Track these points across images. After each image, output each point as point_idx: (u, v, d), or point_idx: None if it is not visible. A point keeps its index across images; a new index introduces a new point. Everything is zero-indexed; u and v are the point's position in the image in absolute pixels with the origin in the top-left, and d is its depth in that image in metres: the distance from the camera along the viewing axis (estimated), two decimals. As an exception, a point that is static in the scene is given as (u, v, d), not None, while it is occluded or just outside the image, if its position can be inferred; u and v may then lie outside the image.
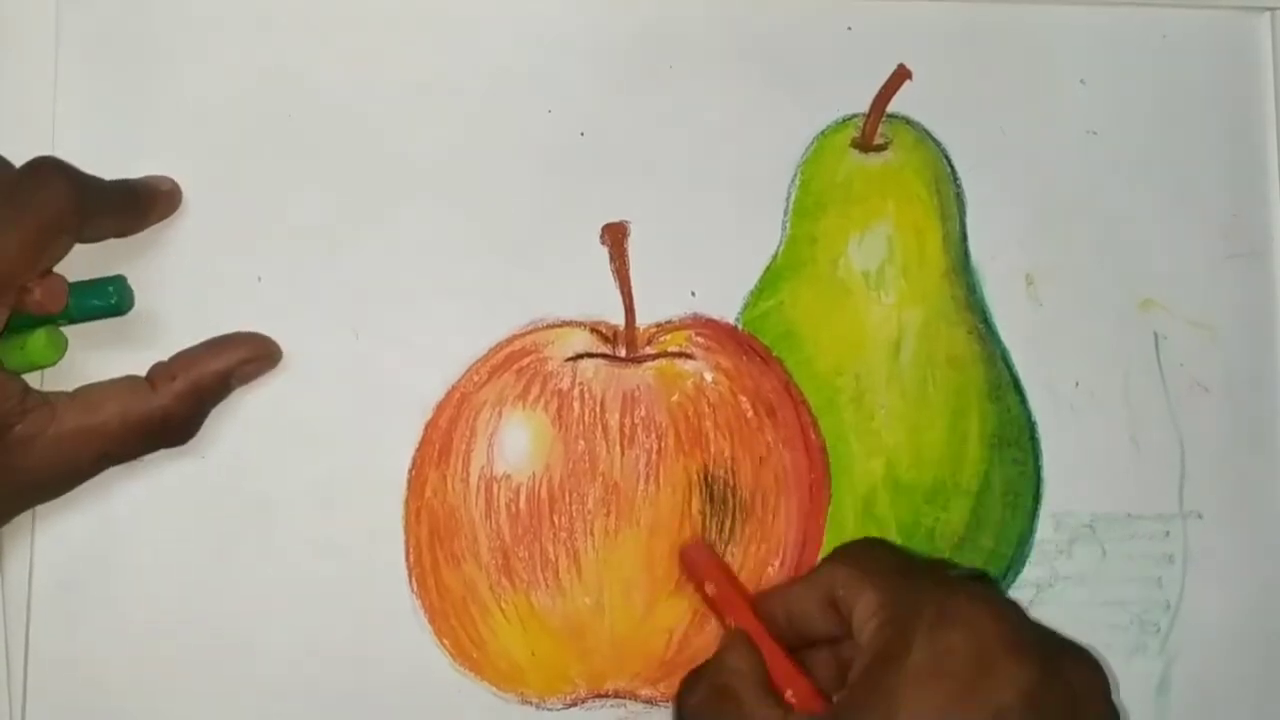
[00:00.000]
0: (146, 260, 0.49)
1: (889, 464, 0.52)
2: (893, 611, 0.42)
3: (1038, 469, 0.53)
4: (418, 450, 0.50)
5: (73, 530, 0.48)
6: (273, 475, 0.50)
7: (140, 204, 0.48)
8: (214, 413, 0.49)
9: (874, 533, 0.52)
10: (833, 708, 0.43)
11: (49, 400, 0.44)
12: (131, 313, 0.49)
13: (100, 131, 0.50)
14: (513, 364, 0.51)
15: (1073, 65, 0.55)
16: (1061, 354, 0.54)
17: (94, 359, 0.48)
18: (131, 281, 0.48)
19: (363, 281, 0.50)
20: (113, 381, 0.46)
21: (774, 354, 0.52)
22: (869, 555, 0.46)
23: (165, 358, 0.48)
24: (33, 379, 0.45)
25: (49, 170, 0.44)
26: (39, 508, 0.48)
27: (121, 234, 0.48)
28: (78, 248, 0.46)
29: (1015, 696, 0.40)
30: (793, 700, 0.45)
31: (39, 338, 0.45)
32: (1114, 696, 0.43)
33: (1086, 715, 0.42)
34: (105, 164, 0.48)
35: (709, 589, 0.49)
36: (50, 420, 0.43)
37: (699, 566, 0.49)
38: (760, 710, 0.43)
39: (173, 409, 0.46)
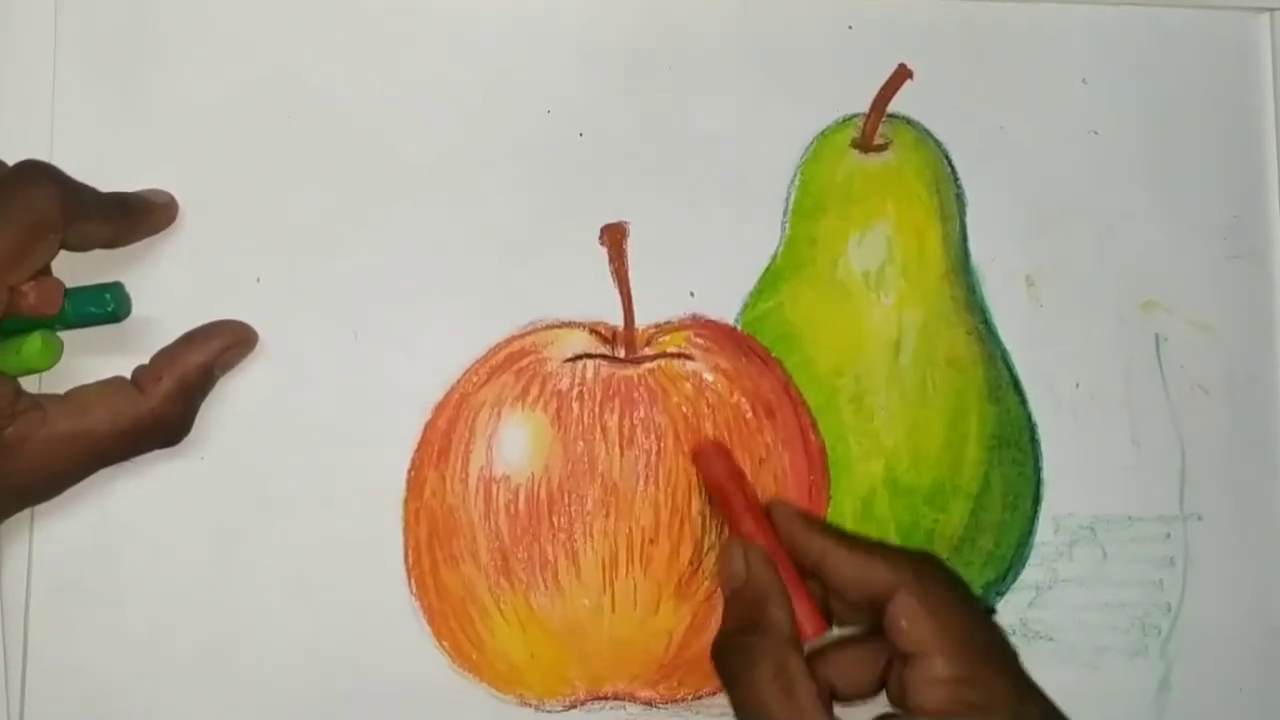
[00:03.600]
0: (146, 262, 0.49)
1: (888, 465, 0.52)
2: (967, 697, 0.41)
3: (1038, 470, 0.53)
4: (417, 451, 0.50)
5: (72, 530, 0.48)
6: (273, 475, 0.50)
7: (131, 214, 0.48)
8: (214, 413, 0.49)
9: (874, 534, 0.52)
10: None
11: (40, 403, 0.44)
12: (133, 315, 0.49)
13: (99, 133, 0.50)
14: (512, 365, 0.51)
15: (1073, 65, 0.55)
16: (1062, 355, 0.54)
17: (94, 362, 0.48)
18: (131, 284, 0.47)
19: (362, 282, 0.50)
20: (102, 384, 0.45)
21: (773, 355, 0.52)
22: (939, 599, 0.43)
23: (163, 360, 0.49)
24: (29, 383, 0.45)
25: (35, 171, 0.44)
26: (37, 508, 0.48)
27: (111, 244, 0.47)
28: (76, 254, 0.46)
29: None
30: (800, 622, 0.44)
31: (34, 341, 0.45)
32: None
33: None
34: (104, 164, 0.49)
35: (734, 496, 0.48)
36: (41, 423, 0.43)
37: (717, 468, 0.49)
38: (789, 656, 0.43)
39: (162, 410, 0.46)
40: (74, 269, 0.46)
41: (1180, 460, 0.54)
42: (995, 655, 0.43)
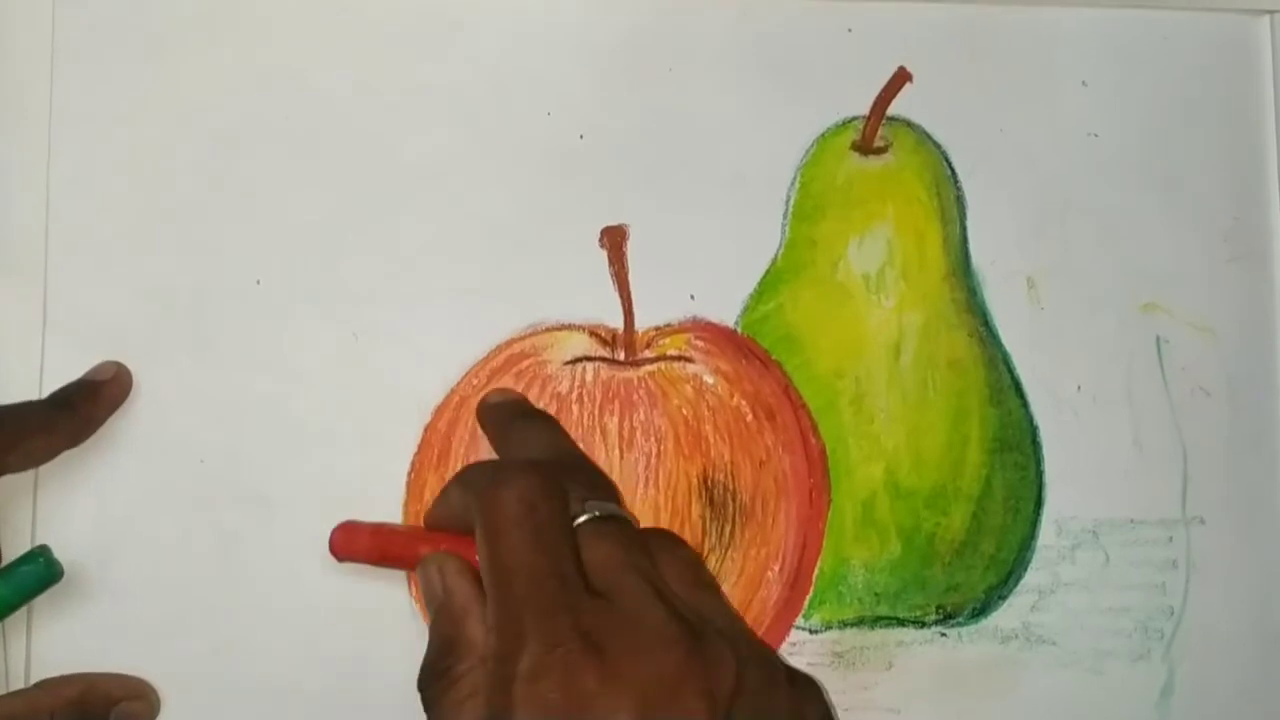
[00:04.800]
0: (145, 264, 0.49)
1: (889, 468, 0.52)
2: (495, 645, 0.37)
3: (1039, 473, 0.53)
4: (417, 453, 0.50)
5: (73, 530, 0.48)
6: (273, 476, 0.50)
7: (78, 409, 0.47)
8: (214, 413, 0.49)
9: (875, 538, 0.52)
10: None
11: None
12: (131, 317, 0.49)
13: (97, 133, 0.50)
14: (512, 367, 0.51)
15: (1073, 67, 0.55)
16: (1063, 357, 0.54)
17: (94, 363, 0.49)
18: (130, 284, 0.48)
19: (362, 283, 0.50)
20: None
21: (773, 357, 0.52)
22: (505, 538, 0.38)
23: (165, 363, 0.49)
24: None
25: None
26: (39, 506, 0.48)
27: (71, 445, 0.47)
28: None
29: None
30: None
31: None
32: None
33: None
34: (102, 165, 0.49)
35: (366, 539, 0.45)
36: None
37: (360, 541, 0.45)
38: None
39: None
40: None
41: (1182, 463, 0.54)
42: (553, 591, 0.37)
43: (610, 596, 0.37)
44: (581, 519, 0.39)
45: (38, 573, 0.45)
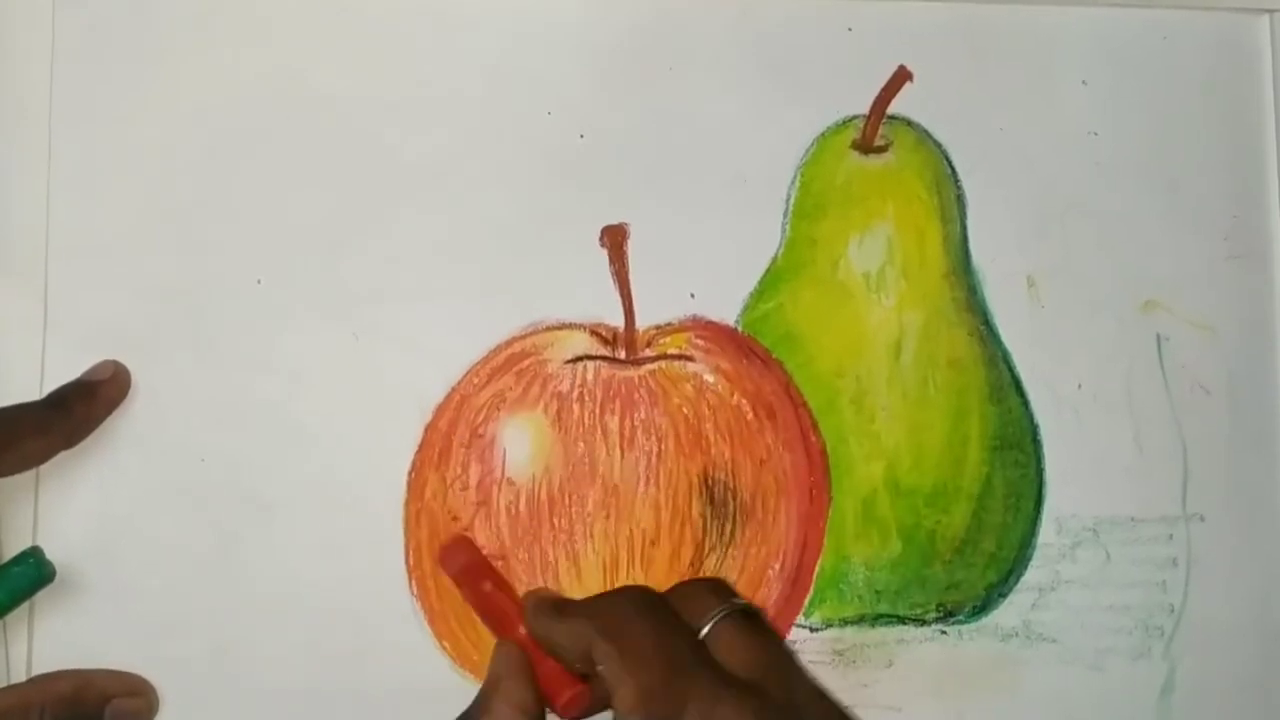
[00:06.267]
0: (145, 264, 0.49)
1: (890, 466, 0.52)
2: (655, 712, 0.40)
3: (1040, 471, 0.53)
4: (417, 452, 0.50)
5: (73, 530, 0.48)
6: (273, 476, 0.50)
7: (73, 410, 0.47)
8: (214, 413, 0.49)
9: (875, 536, 0.52)
10: None
11: None
12: (131, 317, 0.49)
13: (97, 133, 0.50)
14: (513, 366, 0.51)
15: (1073, 66, 0.55)
16: (1063, 356, 0.54)
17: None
18: (130, 284, 0.48)
19: (362, 283, 0.50)
20: None
21: (774, 356, 0.52)
22: (628, 629, 0.42)
23: (165, 363, 0.49)
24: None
25: None
26: (41, 505, 0.48)
27: (67, 445, 0.47)
28: None
29: None
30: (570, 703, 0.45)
31: None
32: None
33: None
34: (102, 165, 0.49)
35: (486, 587, 0.48)
36: None
37: (469, 564, 0.48)
38: None
39: None
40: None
41: (1182, 460, 0.54)
42: (692, 662, 0.41)
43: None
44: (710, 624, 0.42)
45: (29, 574, 0.46)
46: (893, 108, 0.53)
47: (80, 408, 0.47)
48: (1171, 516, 0.54)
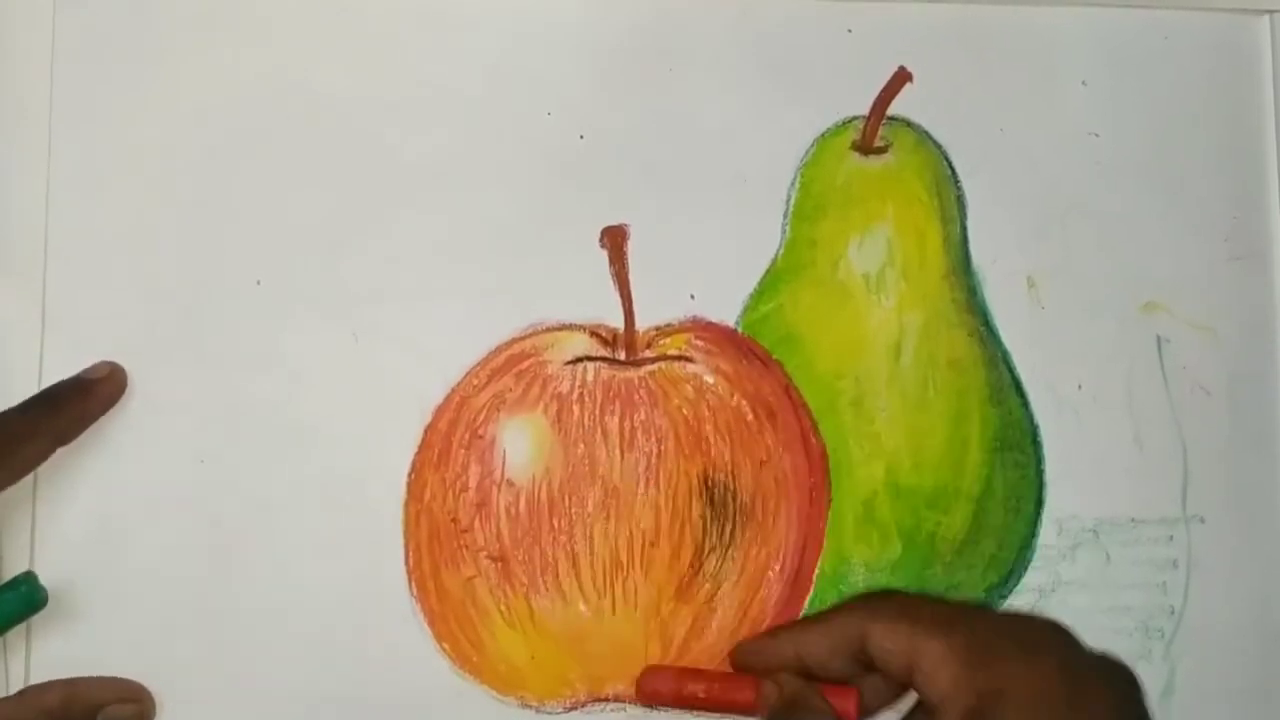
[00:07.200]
0: (145, 264, 0.49)
1: (890, 468, 0.52)
2: (967, 655, 0.43)
3: (1040, 473, 0.53)
4: (417, 453, 0.50)
5: (73, 530, 0.48)
6: (273, 477, 0.50)
7: (66, 409, 0.47)
8: (214, 414, 0.49)
9: (875, 537, 0.52)
10: None
11: None
12: (131, 317, 0.49)
13: (97, 133, 0.50)
14: (512, 367, 0.51)
15: (1074, 67, 0.55)
16: (1063, 357, 0.54)
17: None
18: (130, 284, 0.48)
19: (362, 284, 0.50)
20: None
21: (774, 357, 0.52)
22: (907, 607, 0.46)
23: (164, 363, 0.49)
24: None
25: None
26: (39, 506, 0.48)
27: (61, 442, 0.47)
28: None
29: (1107, 712, 0.42)
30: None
31: None
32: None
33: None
34: (102, 165, 0.49)
35: (700, 692, 0.49)
36: None
37: (675, 691, 0.49)
38: None
39: None
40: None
41: (1182, 462, 0.54)
42: (973, 614, 0.46)
43: None
44: None
45: (19, 599, 0.45)
46: (893, 109, 0.53)
47: (73, 404, 0.47)
48: (1172, 518, 0.54)
